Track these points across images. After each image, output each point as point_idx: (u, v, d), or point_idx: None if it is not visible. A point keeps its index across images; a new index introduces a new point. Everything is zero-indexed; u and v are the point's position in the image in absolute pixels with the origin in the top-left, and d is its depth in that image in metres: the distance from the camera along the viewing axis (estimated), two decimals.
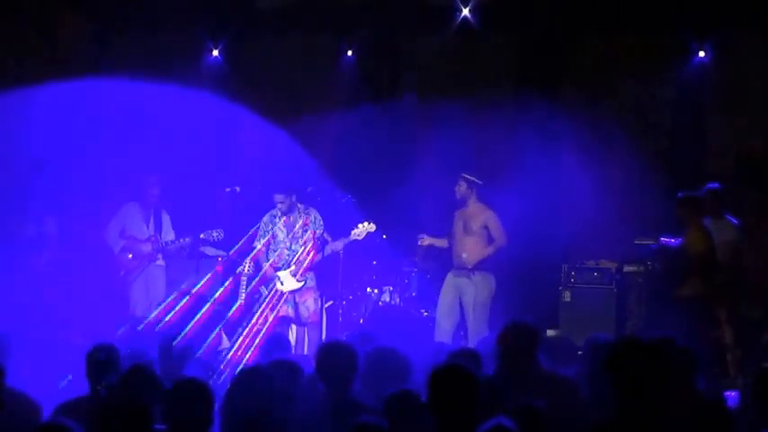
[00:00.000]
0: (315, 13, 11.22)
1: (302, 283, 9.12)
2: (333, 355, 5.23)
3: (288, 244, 9.19)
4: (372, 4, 11.05)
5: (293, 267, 9.12)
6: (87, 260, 9.78)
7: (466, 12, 10.82)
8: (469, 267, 9.33)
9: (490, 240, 9.37)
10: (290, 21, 11.40)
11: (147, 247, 9.70)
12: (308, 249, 9.09)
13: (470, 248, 9.35)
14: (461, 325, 9.49)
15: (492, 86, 11.42)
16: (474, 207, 9.45)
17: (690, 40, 10.78)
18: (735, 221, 9.22)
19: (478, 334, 8.91)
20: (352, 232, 9.12)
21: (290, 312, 9.15)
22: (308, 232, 9.15)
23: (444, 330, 9.36)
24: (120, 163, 10.27)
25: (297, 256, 9.13)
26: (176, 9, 10.81)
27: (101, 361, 5.31)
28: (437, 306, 9.54)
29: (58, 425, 4.14)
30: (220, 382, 6.65)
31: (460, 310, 9.42)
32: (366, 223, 9.12)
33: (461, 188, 9.45)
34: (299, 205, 9.24)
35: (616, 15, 10.80)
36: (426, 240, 9.73)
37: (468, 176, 9.44)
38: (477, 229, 9.38)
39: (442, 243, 9.72)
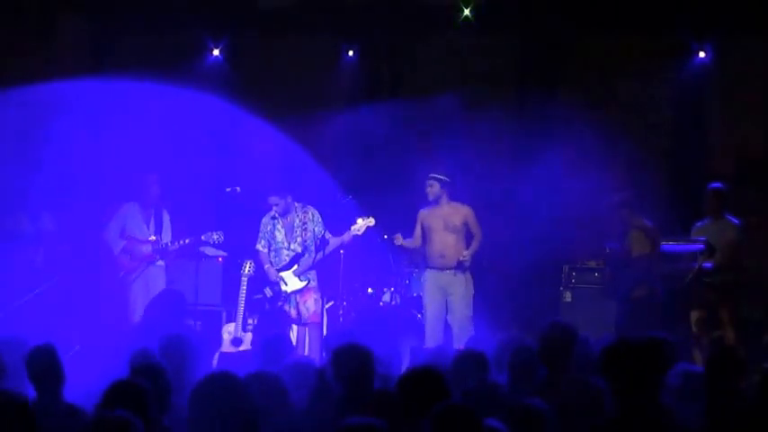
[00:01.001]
0: (315, 13, 11.21)
1: (305, 282, 9.11)
2: (350, 357, 5.07)
3: (286, 244, 9.18)
4: (372, 4, 11.04)
5: (296, 267, 9.11)
6: (85, 260, 9.77)
7: (467, 12, 10.81)
8: (466, 266, 9.23)
9: (469, 235, 9.32)
10: (291, 21, 11.39)
11: (147, 248, 9.67)
12: (311, 248, 9.08)
13: (458, 247, 9.22)
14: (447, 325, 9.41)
15: (491, 86, 11.40)
16: (449, 206, 9.30)
17: (690, 40, 10.80)
18: (735, 221, 9.21)
19: (464, 332, 8.92)
20: (352, 227, 9.10)
21: (292, 312, 9.14)
22: (308, 231, 9.15)
23: (436, 334, 9.19)
24: (120, 163, 10.26)
25: (297, 255, 9.13)
26: (176, 9, 10.81)
27: (40, 364, 5.00)
28: (425, 309, 9.36)
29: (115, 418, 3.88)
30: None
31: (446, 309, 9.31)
32: (365, 218, 9.12)
33: (434, 188, 9.25)
34: (296, 204, 9.23)
35: (616, 15, 10.80)
36: (400, 240, 9.49)
37: (439, 176, 9.28)
38: (459, 227, 9.27)
39: (411, 244, 9.51)
